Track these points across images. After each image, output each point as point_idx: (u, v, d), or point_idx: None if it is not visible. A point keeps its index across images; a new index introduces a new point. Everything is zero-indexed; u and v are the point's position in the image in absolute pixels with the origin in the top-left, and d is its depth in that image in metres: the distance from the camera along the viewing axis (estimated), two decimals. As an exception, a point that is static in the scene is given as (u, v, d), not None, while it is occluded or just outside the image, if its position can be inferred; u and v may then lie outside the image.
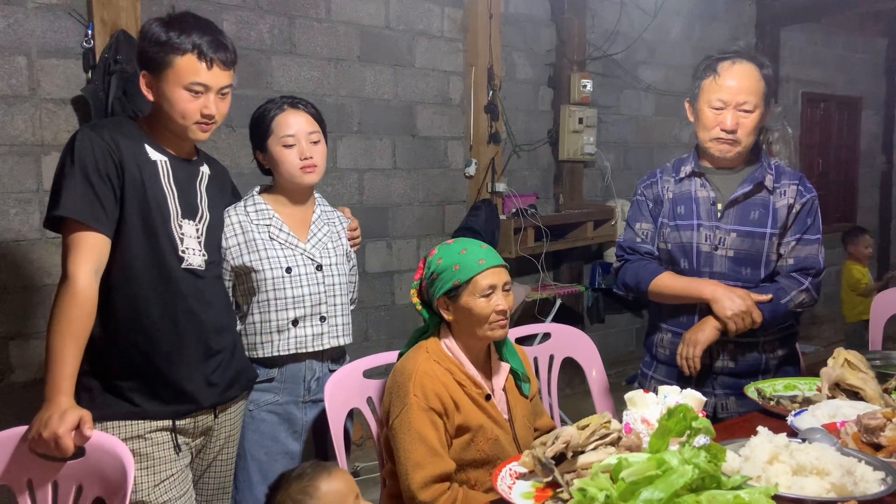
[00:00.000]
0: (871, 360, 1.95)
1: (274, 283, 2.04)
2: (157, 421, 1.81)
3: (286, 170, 2.07)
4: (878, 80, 7.44)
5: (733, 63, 2.11)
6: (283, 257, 2.07)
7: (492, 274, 1.82)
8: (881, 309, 3.17)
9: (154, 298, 1.79)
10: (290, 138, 2.05)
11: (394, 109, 4.11)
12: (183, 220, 1.84)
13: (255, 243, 2.04)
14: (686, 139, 5.62)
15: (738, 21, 6.06)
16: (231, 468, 2.04)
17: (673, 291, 2.17)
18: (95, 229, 1.69)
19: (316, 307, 2.09)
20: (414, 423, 1.73)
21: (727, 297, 2.05)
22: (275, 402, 2.09)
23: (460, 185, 4.44)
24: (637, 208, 2.32)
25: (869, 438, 1.43)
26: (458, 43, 4.35)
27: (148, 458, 1.79)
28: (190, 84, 1.75)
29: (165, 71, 1.74)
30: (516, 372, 1.94)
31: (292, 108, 2.08)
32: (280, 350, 2.06)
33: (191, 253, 1.84)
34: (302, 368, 2.11)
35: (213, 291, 1.94)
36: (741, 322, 2.04)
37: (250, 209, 2.08)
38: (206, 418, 1.91)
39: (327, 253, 2.14)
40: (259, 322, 2.06)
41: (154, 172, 1.80)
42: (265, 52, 3.59)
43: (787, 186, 2.16)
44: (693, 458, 1.07)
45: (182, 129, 1.81)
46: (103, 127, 1.79)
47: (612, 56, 5.09)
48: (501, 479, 1.52)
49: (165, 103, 1.77)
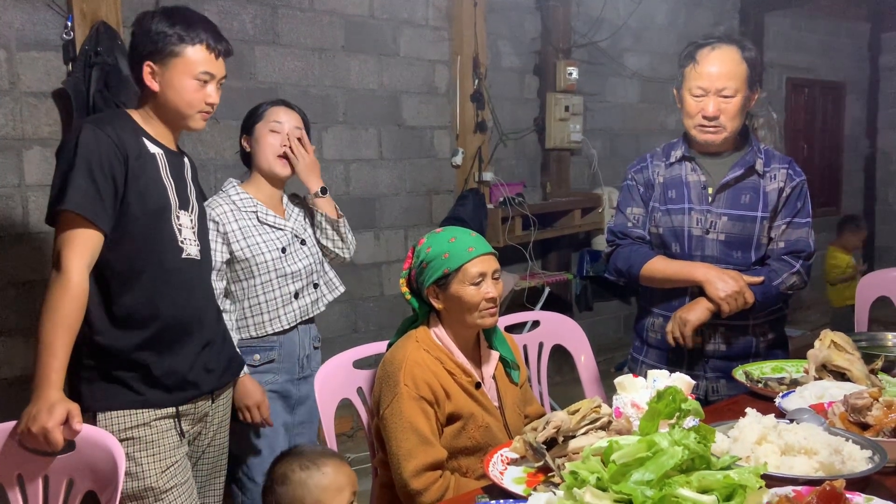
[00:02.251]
0: (857, 342, 1.96)
1: (273, 263, 2.22)
2: (161, 409, 1.84)
3: (262, 153, 2.26)
4: (861, 64, 7.48)
5: (712, 49, 2.11)
6: (277, 238, 2.25)
7: (481, 262, 1.83)
8: (866, 291, 3.20)
9: (158, 289, 1.82)
10: (278, 125, 2.26)
11: (379, 99, 4.09)
12: (180, 212, 1.88)
13: (249, 229, 2.21)
14: (672, 126, 5.63)
15: (723, 7, 6.07)
16: (225, 451, 2.10)
17: (664, 275, 2.18)
18: (95, 225, 1.71)
19: (309, 277, 2.31)
20: (405, 413, 1.74)
21: (719, 278, 2.07)
22: (274, 381, 2.25)
23: (447, 174, 4.43)
24: (628, 193, 2.32)
25: (856, 418, 1.44)
26: (443, 31, 4.33)
27: (154, 445, 1.82)
28: (199, 73, 1.82)
29: (174, 60, 1.79)
30: (506, 360, 1.95)
31: (285, 106, 2.30)
32: (289, 322, 2.25)
33: (189, 244, 1.89)
34: (296, 346, 2.29)
35: (208, 280, 2.02)
36: (734, 303, 2.05)
37: (234, 198, 2.24)
38: (205, 404, 1.96)
39: (304, 228, 2.35)
40: (264, 301, 2.22)
41: (155, 165, 1.84)
42: (248, 43, 3.56)
43: (777, 170, 2.17)
44: (683, 440, 1.08)
45: (185, 117, 1.86)
46: (106, 122, 1.80)
47: (597, 43, 5.09)
48: (493, 464, 1.52)
49: (172, 92, 1.81)
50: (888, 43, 7.41)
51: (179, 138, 1.98)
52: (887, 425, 1.40)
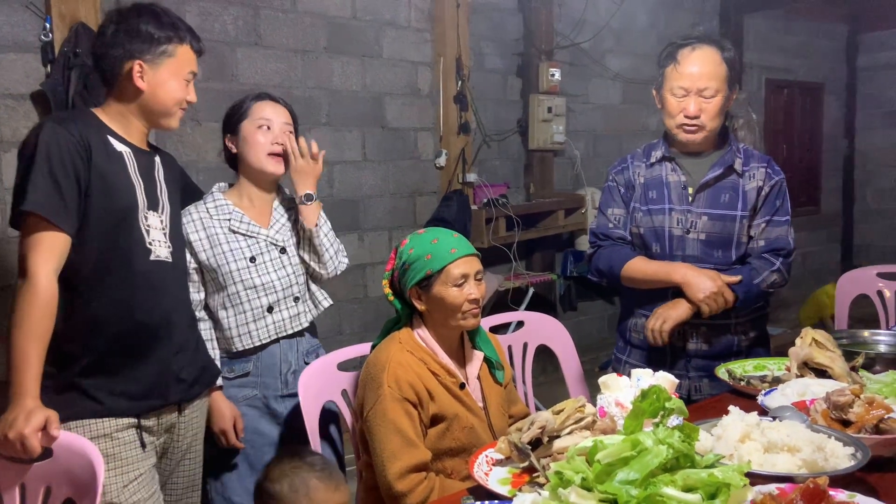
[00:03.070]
0: (837, 339, 1.98)
1: (240, 273, 2.07)
2: (123, 419, 1.78)
3: (253, 151, 2.10)
4: (839, 65, 7.56)
5: (693, 49, 2.12)
6: (247, 247, 2.09)
7: (464, 263, 1.82)
8: (846, 289, 3.23)
9: (124, 292, 1.77)
10: (266, 121, 2.10)
11: (362, 101, 4.08)
12: (149, 212, 1.83)
13: (217, 237, 2.07)
14: (654, 127, 5.67)
15: (703, 8, 6.12)
16: (200, 466, 2.03)
17: (644, 276, 2.19)
18: (58, 227, 1.66)
19: (288, 290, 2.13)
20: (388, 414, 1.73)
21: (698, 280, 2.08)
22: (253, 396, 2.12)
23: (431, 176, 4.43)
24: (609, 194, 2.33)
25: (838, 415, 1.45)
26: (425, 33, 4.32)
27: (116, 458, 1.76)
28: (187, 73, 1.82)
29: (166, 60, 1.78)
30: (490, 360, 1.95)
31: (269, 99, 2.14)
32: (261, 338, 2.10)
33: (157, 245, 1.83)
34: (277, 360, 2.13)
35: (181, 284, 1.95)
36: (714, 304, 2.06)
37: (210, 206, 2.11)
38: (171, 416, 1.89)
39: (290, 235, 2.17)
40: (233, 315, 2.08)
41: (121, 164, 1.78)
42: (230, 44, 3.54)
43: (755, 169, 2.19)
44: (667, 439, 1.08)
45: (169, 115, 1.84)
46: (69, 120, 1.76)
47: (579, 45, 5.11)
48: (478, 465, 1.52)
49: (162, 91, 1.80)
50: (865, 44, 7.51)
51: (159, 141, 1.96)
52: (869, 422, 1.41)
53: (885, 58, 7.34)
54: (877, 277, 3.21)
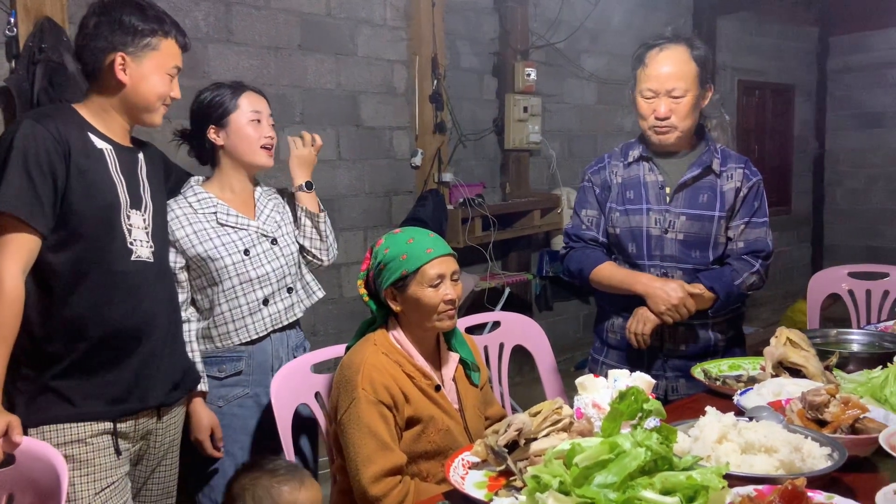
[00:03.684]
0: (811, 339, 1.99)
1: (235, 267, 2.05)
2: (98, 423, 1.74)
3: (247, 144, 2.10)
4: (809, 67, 7.67)
5: (661, 50, 2.13)
6: (239, 240, 2.07)
7: (440, 263, 1.80)
8: (817, 289, 3.27)
9: (105, 293, 1.73)
10: (257, 114, 2.10)
11: (337, 99, 4.03)
12: (131, 211, 1.79)
13: (206, 232, 2.03)
14: (629, 127, 5.69)
15: (677, 10, 6.16)
16: (175, 473, 1.99)
17: (610, 282, 2.21)
18: (31, 227, 1.62)
19: (282, 281, 2.13)
20: (363, 417, 1.70)
21: (659, 291, 2.08)
22: (245, 395, 2.09)
23: (407, 175, 4.40)
24: (583, 195, 2.33)
25: (814, 415, 1.46)
26: (401, 31, 4.29)
27: (88, 465, 1.72)
28: (171, 68, 1.78)
29: (150, 54, 1.74)
30: (466, 361, 1.93)
31: (251, 90, 2.13)
32: (258, 331, 2.08)
33: (139, 245, 1.80)
34: (269, 357, 2.11)
35: (163, 285, 1.90)
36: (675, 315, 2.08)
37: (191, 199, 2.07)
38: (149, 420, 1.85)
39: (277, 226, 2.16)
40: (228, 310, 2.05)
41: (102, 162, 1.74)
42: (201, 41, 3.47)
43: (733, 170, 2.20)
44: (645, 441, 1.07)
45: (152, 111, 1.80)
46: (48, 116, 1.71)
47: (554, 45, 5.12)
48: (454, 469, 1.49)
49: (145, 86, 1.75)
50: (835, 47, 7.63)
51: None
52: (845, 422, 1.41)
53: (855, 60, 7.46)
54: (848, 277, 3.25)
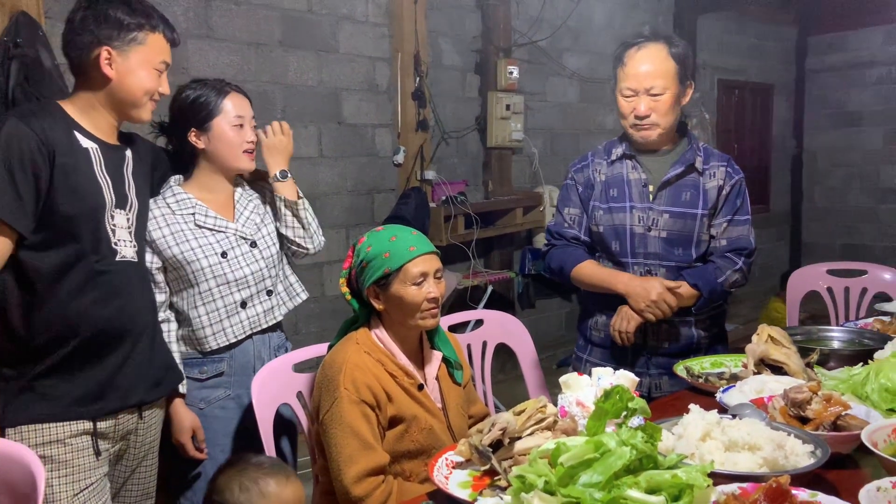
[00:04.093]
0: (792, 336, 2.00)
1: (212, 270, 2.01)
2: (78, 423, 1.72)
3: (230, 150, 2.05)
4: (788, 67, 7.76)
5: (639, 49, 2.13)
6: (216, 242, 2.03)
7: (423, 261, 1.79)
8: (797, 286, 3.30)
9: (88, 293, 1.71)
10: (241, 119, 2.05)
11: (319, 96, 4.01)
12: (115, 211, 1.77)
13: (183, 234, 2.00)
14: (610, 125, 5.72)
15: (657, 9, 6.20)
16: (155, 474, 1.97)
17: (591, 281, 2.22)
18: (11, 226, 1.60)
19: (261, 283, 2.09)
20: (345, 417, 1.69)
21: (639, 289, 2.09)
22: (227, 396, 2.06)
23: (389, 173, 4.38)
24: (566, 193, 2.33)
25: (796, 412, 1.46)
26: (383, 28, 4.27)
27: (67, 465, 1.70)
28: (159, 63, 1.76)
29: (137, 48, 1.72)
30: (449, 360, 1.91)
31: (235, 91, 2.07)
32: (236, 335, 2.05)
33: (123, 245, 1.79)
34: (251, 357, 2.08)
35: (145, 284, 1.91)
36: (657, 312, 2.08)
37: (170, 200, 2.03)
38: (130, 419, 1.83)
39: (257, 227, 2.12)
40: (205, 314, 2.02)
41: (87, 161, 1.72)
42: (180, 37, 3.41)
43: (716, 168, 2.20)
44: (630, 440, 1.07)
45: (138, 106, 1.77)
46: (32, 115, 1.68)
47: (537, 43, 5.12)
48: (438, 469, 1.48)
49: (131, 80, 1.73)
50: (814, 46, 7.72)
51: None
52: (827, 419, 1.42)
53: (833, 60, 7.55)
54: (827, 274, 3.28)
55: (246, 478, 1.58)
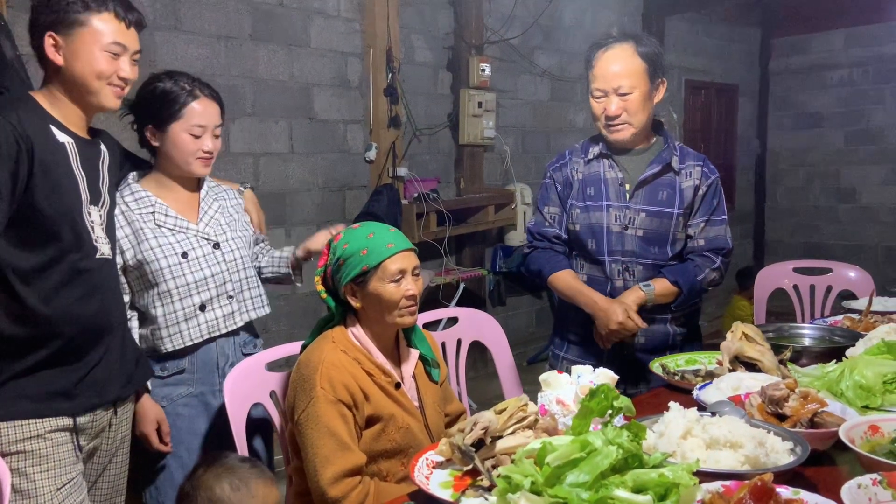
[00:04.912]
0: (764, 333, 2.03)
1: (171, 270, 1.95)
2: (58, 419, 1.69)
3: (182, 157, 1.96)
4: (752, 68, 7.89)
5: (606, 50, 2.14)
6: (177, 242, 1.97)
7: (401, 258, 1.77)
8: (764, 284, 3.35)
9: (73, 291, 1.68)
10: (202, 129, 1.95)
11: (289, 91, 3.95)
12: (91, 208, 1.73)
13: (143, 233, 1.94)
14: (580, 124, 5.75)
15: (626, 9, 6.25)
16: (126, 470, 1.94)
17: (564, 292, 2.25)
18: None
19: (221, 287, 2.03)
20: (321, 417, 1.66)
21: (601, 315, 2.13)
22: (189, 394, 2.02)
23: (361, 169, 4.34)
24: (545, 191, 2.34)
25: (774, 409, 1.47)
26: (355, 23, 4.23)
27: (49, 460, 1.66)
28: (109, 44, 1.66)
29: (80, 30, 1.63)
30: (426, 358, 1.90)
31: (206, 97, 1.97)
32: (193, 338, 1.99)
33: (101, 242, 1.75)
34: (214, 354, 2.04)
35: (117, 281, 1.89)
36: (616, 337, 2.14)
37: (129, 198, 1.96)
38: (106, 414, 1.81)
39: (222, 230, 2.06)
40: (163, 315, 1.96)
41: (64, 156, 1.67)
42: (147, 29, 3.27)
43: (692, 167, 2.22)
44: (616, 438, 1.06)
45: (93, 92, 1.68)
46: (9, 108, 1.62)
47: (509, 40, 5.12)
48: (418, 469, 1.47)
49: (78, 64, 1.64)
50: (777, 48, 7.87)
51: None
52: (804, 416, 1.44)
53: (795, 62, 7.71)
54: (793, 272, 3.33)
55: (237, 477, 1.56)
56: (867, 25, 7.06)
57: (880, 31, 7.01)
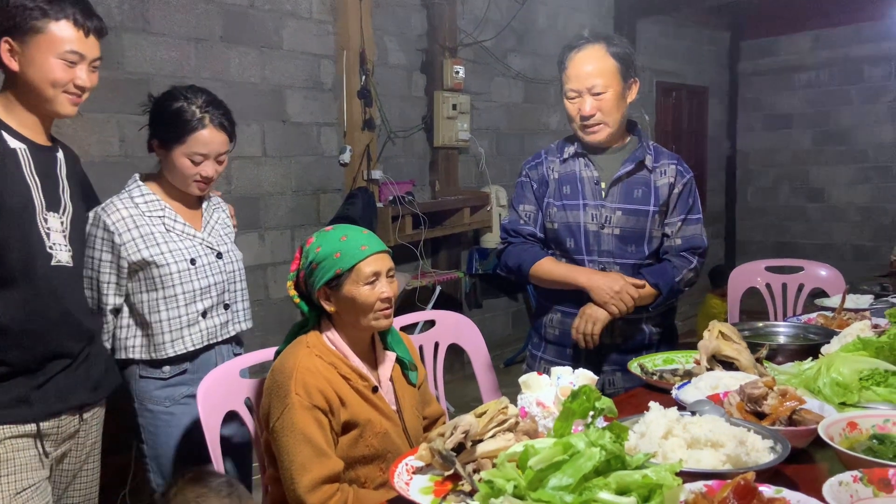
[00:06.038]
0: (740, 332, 2.03)
1: (180, 276, 1.98)
2: (17, 426, 1.65)
3: (180, 178, 2.01)
4: (722, 70, 7.99)
5: (578, 51, 2.16)
6: (186, 248, 2.01)
7: (375, 260, 1.74)
8: (737, 283, 3.38)
9: (25, 298, 1.65)
10: (201, 157, 1.99)
11: (262, 94, 3.90)
12: (48, 214, 1.69)
13: (154, 237, 1.96)
14: (554, 126, 5.77)
15: (598, 12, 6.29)
16: (97, 479, 1.92)
17: (551, 277, 2.21)
18: None
19: (220, 296, 2.08)
20: (297, 424, 1.63)
21: (602, 282, 2.11)
22: (191, 394, 2.01)
23: (335, 172, 4.30)
24: (521, 190, 2.33)
25: (752, 407, 1.48)
26: (328, 25, 4.19)
27: (8, 464, 1.63)
28: (65, 52, 1.64)
29: (36, 37, 1.61)
30: (403, 360, 1.88)
31: (215, 126, 1.98)
32: (194, 344, 2.03)
33: (58, 249, 1.71)
34: (212, 355, 2.09)
35: (81, 287, 1.86)
36: (620, 304, 2.10)
37: (138, 200, 1.99)
38: (72, 420, 1.78)
39: (223, 240, 2.13)
40: (167, 319, 1.99)
41: (15, 162, 1.64)
42: (115, 30, 3.27)
43: (666, 166, 2.23)
44: (599, 440, 1.05)
45: (48, 99, 1.66)
46: None
47: (482, 43, 5.12)
48: (398, 475, 1.44)
49: (33, 71, 1.62)
50: (746, 51, 7.98)
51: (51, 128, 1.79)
52: (783, 414, 1.44)
53: (764, 64, 7.82)
54: (765, 271, 3.37)
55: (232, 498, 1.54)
56: (834, 28, 7.19)
57: (846, 34, 7.14)
